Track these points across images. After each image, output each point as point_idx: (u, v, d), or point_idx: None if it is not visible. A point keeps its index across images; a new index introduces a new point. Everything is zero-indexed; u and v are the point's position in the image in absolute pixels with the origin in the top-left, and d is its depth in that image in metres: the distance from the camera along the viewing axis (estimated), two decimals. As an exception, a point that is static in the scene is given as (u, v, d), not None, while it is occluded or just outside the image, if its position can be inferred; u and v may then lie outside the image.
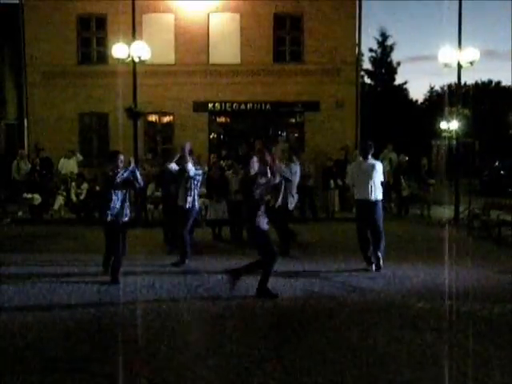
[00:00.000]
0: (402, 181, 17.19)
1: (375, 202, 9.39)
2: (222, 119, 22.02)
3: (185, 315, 7.02)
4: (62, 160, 18.14)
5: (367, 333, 6.30)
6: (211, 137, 21.63)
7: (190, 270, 9.46)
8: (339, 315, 7.01)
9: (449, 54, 15.44)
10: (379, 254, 9.38)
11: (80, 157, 18.78)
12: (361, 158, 9.96)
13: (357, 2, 20.94)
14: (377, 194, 9.40)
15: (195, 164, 10.00)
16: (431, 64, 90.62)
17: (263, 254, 7.65)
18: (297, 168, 10.90)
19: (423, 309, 7.26)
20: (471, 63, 15.40)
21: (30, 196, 15.88)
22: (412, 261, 10.16)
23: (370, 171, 9.42)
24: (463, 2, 15.22)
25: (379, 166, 9.61)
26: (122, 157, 8.64)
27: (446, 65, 15.60)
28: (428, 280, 8.78)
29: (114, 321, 6.73)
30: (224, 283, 8.12)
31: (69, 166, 18.04)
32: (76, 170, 17.93)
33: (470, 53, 15.31)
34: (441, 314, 6.96)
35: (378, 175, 9.49)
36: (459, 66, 15.41)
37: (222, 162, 14.46)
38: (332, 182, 16.56)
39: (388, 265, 9.71)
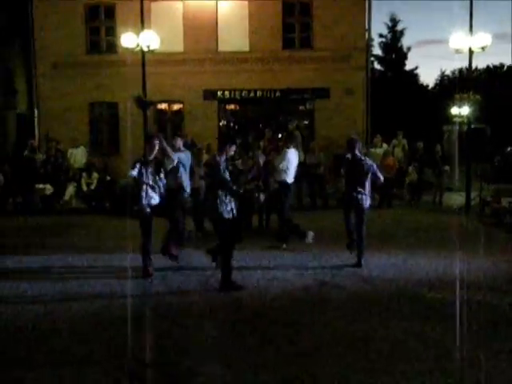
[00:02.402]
0: (410, 167, 17.09)
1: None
2: (231, 107, 21.98)
3: (194, 309, 7.04)
4: (71, 150, 18.19)
5: (378, 323, 6.30)
6: (221, 124, 21.61)
7: (198, 264, 9.45)
8: (350, 305, 7.02)
9: (460, 40, 15.25)
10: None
11: (84, 149, 18.67)
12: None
13: (366, -13, 20.72)
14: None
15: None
16: (442, 48, 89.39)
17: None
18: (189, 155, 10.55)
19: (434, 298, 7.25)
20: (483, 48, 15.21)
21: (41, 186, 15.95)
22: (423, 249, 10.12)
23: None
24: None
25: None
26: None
27: (457, 50, 15.42)
28: (439, 269, 8.73)
29: (124, 313, 6.70)
30: None
31: (78, 155, 18.10)
32: (84, 160, 17.98)
33: (481, 38, 15.09)
34: (452, 304, 6.93)
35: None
36: (470, 52, 15.22)
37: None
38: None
39: (398, 254, 9.72)
